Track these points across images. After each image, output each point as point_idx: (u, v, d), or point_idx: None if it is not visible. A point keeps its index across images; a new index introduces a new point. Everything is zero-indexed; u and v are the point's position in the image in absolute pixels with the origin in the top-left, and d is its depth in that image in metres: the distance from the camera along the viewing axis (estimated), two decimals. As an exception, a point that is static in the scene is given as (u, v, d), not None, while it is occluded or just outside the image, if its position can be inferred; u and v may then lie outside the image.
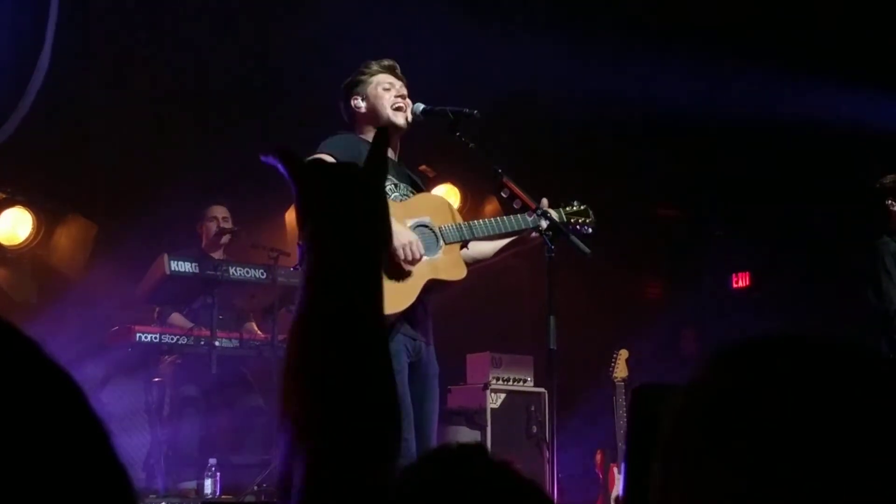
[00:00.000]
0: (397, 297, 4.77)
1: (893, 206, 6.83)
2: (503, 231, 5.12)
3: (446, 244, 4.97)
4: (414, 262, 4.79)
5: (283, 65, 8.61)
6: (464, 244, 5.09)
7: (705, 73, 9.06)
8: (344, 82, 5.18)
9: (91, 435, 0.85)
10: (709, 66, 9.02)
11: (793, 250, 10.08)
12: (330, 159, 4.71)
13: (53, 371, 0.84)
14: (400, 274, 4.81)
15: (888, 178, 6.90)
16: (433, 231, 4.96)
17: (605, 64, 9.13)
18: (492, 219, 5.17)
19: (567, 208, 5.31)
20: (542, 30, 8.86)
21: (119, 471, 0.86)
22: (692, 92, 9.16)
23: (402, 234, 4.78)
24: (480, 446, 1.30)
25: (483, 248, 5.19)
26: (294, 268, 5.29)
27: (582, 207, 5.37)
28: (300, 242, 4.62)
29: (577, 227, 5.31)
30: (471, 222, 5.12)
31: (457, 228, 5.02)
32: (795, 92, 9.18)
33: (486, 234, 5.10)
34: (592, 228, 5.35)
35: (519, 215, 5.08)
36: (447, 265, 4.96)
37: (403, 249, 4.75)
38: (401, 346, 4.79)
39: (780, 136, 9.50)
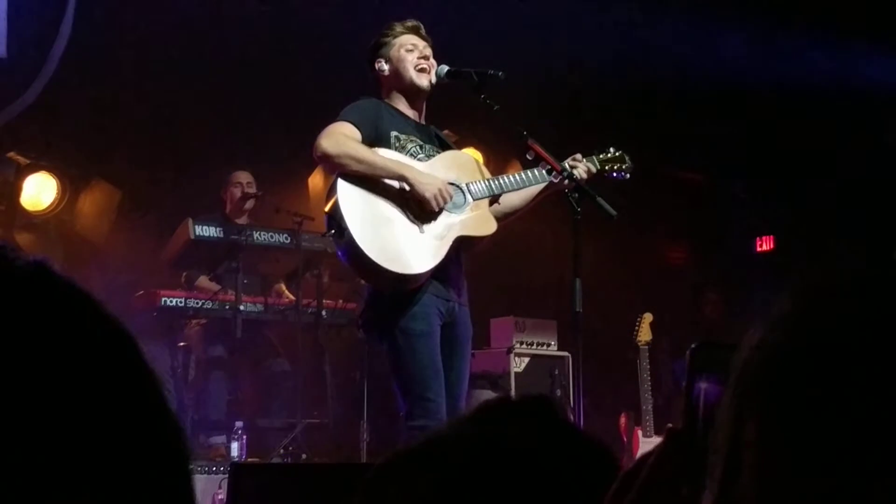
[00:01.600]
0: (428, 254, 4.79)
1: None
2: (529, 184, 5.12)
3: (474, 200, 4.96)
4: (445, 203, 4.80)
5: (310, 26, 8.58)
6: (493, 200, 5.08)
7: (731, 37, 9.00)
8: (369, 45, 5.16)
9: (146, 386, 0.85)
10: (736, 29, 8.96)
11: (817, 214, 10.03)
12: (345, 127, 4.73)
13: (112, 324, 0.85)
14: (429, 232, 4.82)
15: None
16: (460, 188, 4.95)
17: (631, 28, 9.08)
18: (518, 173, 5.16)
19: (602, 155, 5.30)
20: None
21: (173, 421, 0.86)
22: (718, 56, 9.10)
23: (431, 184, 4.78)
24: (546, 400, 1.26)
25: (513, 201, 5.17)
26: (322, 234, 5.31)
27: (617, 154, 5.37)
28: (326, 212, 4.64)
29: (615, 173, 5.31)
30: (498, 177, 5.12)
31: (484, 184, 5.02)
32: (822, 54, 9.10)
33: (513, 188, 5.10)
34: (630, 174, 5.35)
35: (542, 169, 5.06)
36: (476, 221, 4.96)
37: (435, 199, 4.76)
38: (433, 309, 4.79)
39: (805, 99, 9.43)
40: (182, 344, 7.61)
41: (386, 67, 5.07)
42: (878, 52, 9.08)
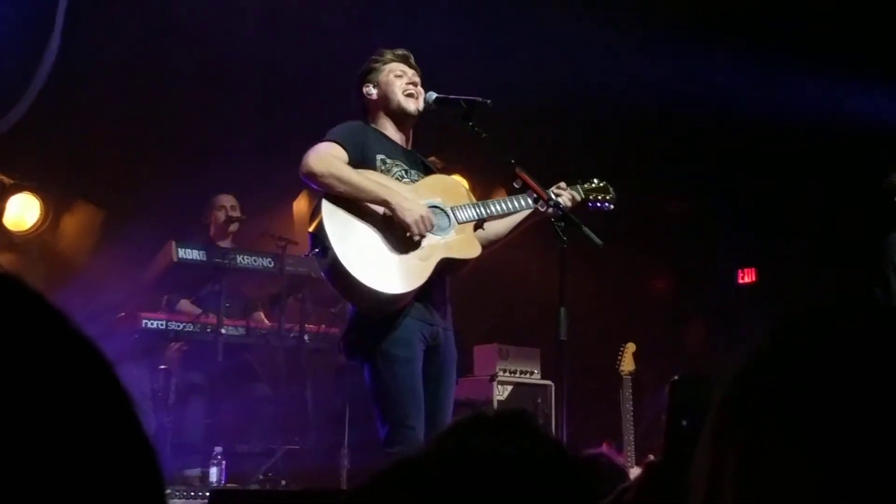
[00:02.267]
0: (411, 274, 4.77)
1: None
2: (515, 211, 5.12)
3: (459, 223, 4.95)
4: (426, 231, 4.80)
5: (297, 52, 8.59)
6: (477, 224, 5.07)
7: (718, 68, 9.04)
8: (358, 71, 5.15)
9: (118, 407, 0.84)
10: (723, 61, 9.00)
11: (799, 246, 10.05)
12: (333, 148, 4.73)
13: (82, 342, 0.83)
14: (413, 253, 4.81)
15: (891, 178, 6.85)
16: (444, 211, 4.94)
17: (615, 57, 9.11)
18: (504, 199, 5.16)
19: (586, 185, 5.31)
20: (555, 20, 8.83)
21: (145, 443, 0.84)
22: (702, 87, 9.13)
23: (413, 210, 4.77)
24: (525, 413, 1.25)
25: (497, 228, 5.17)
26: (306, 254, 5.29)
27: (601, 184, 5.38)
28: (311, 231, 4.62)
29: (598, 203, 5.31)
30: (484, 202, 5.12)
31: (469, 208, 5.01)
32: (804, 88, 9.15)
33: (499, 213, 5.10)
34: (613, 204, 5.35)
35: (528, 197, 5.06)
36: (460, 244, 4.95)
37: (416, 225, 4.75)
38: (416, 334, 4.76)
39: (789, 132, 9.47)
40: (162, 367, 7.55)
41: (374, 92, 5.08)
42: (862, 86, 9.13)
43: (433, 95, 5.03)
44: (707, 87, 9.14)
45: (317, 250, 4.75)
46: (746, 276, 10.95)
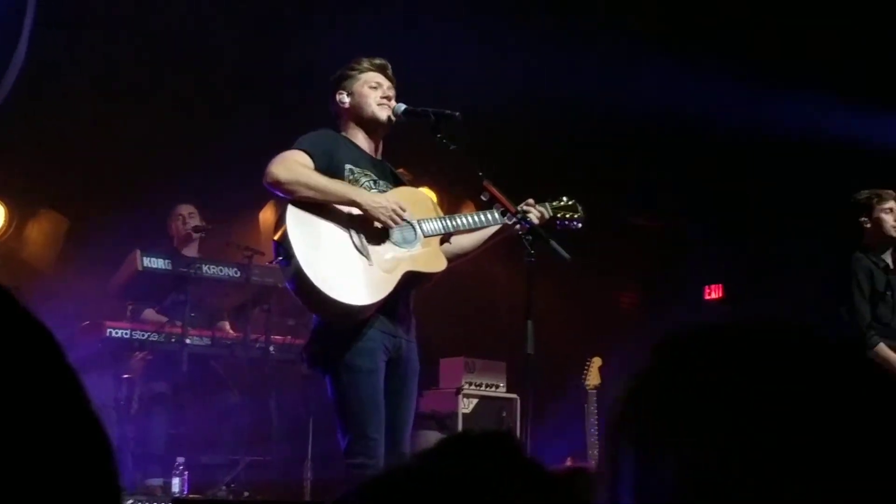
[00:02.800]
0: (375, 286, 4.75)
1: (867, 222, 6.82)
2: (482, 226, 5.12)
3: (425, 237, 4.94)
4: (400, 220, 4.79)
5: (262, 61, 8.57)
6: (444, 238, 5.06)
7: (684, 84, 9.07)
8: (333, 75, 5.12)
9: (65, 384, 0.83)
10: (689, 76, 9.03)
11: (766, 263, 10.11)
12: (298, 155, 4.70)
13: (28, 320, 0.83)
14: (378, 264, 4.79)
15: (862, 194, 6.91)
16: (411, 224, 4.93)
17: (584, 72, 9.13)
18: (471, 213, 5.16)
19: (555, 203, 5.30)
20: (523, 36, 8.85)
21: (93, 420, 0.83)
22: (672, 103, 9.17)
23: (383, 204, 4.77)
24: (509, 435, 1.25)
25: (464, 242, 5.16)
26: (270, 262, 5.26)
27: (570, 202, 5.38)
28: (275, 239, 4.60)
29: (566, 222, 5.31)
30: (451, 216, 5.10)
31: (436, 221, 5.00)
32: (773, 105, 9.21)
33: (466, 228, 5.10)
34: (581, 223, 5.35)
35: (496, 211, 5.05)
36: (426, 257, 4.94)
37: (390, 218, 4.77)
38: (378, 345, 4.75)
39: (757, 149, 9.53)
40: (126, 376, 7.50)
41: (347, 100, 5.04)
42: (831, 104, 9.20)
43: (402, 107, 5.01)
44: (677, 104, 9.17)
45: (280, 258, 4.72)
46: (713, 293, 11.01)
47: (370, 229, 4.82)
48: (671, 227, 11.01)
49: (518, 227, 4.93)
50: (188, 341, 7.30)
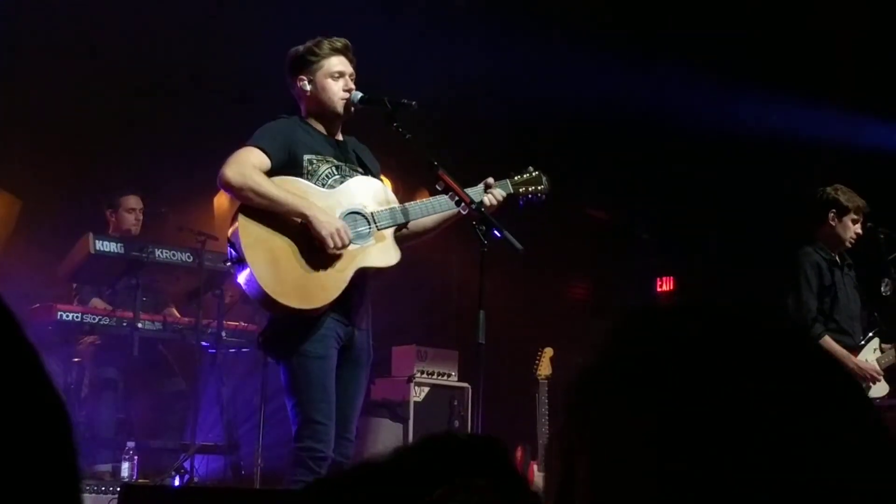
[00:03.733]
0: (327, 287, 4.76)
1: (834, 218, 6.85)
2: (436, 212, 5.12)
3: (378, 230, 4.93)
4: (344, 247, 4.77)
5: (217, 42, 8.53)
6: (399, 227, 5.05)
7: (637, 77, 9.13)
8: (291, 53, 5.05)
9: (23, 357, 0.84)
10: (641, 70, 9.09)
11: (717, 256, 10.19)
12: (254, 155, 4.67)
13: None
14: (329, 264, 4.79)
15: (830, 190, 6.93)
16: (365, 217, 4.92)
17: (538, 64, 9.17)
18: (424, 200, 5.17)
19: (517, 177, 5.30)
20: (480, 26, 8.87)
21: (53, 394, 0.84)
22: (623, 96, 9.22)
23: (329, 223, 4.74)
24: (496, 442, 1.26)
25: (425, 222, 5.15)
26: (224, 262, 5.24)
27: (535, 174, 5.37)
28: (229, 238, 4.57)
29: (530, 196, 5.30)
30: (404, 205, 5.09)
31: (390, 213, 4.99)
32: (724, 99, 9.28)
33: (419, 215, 5.10)
34: (545, 196, 5.33)
35: (449, 197, 5.06)
36: (379, 252, 4.93)
37: (332, 238, 4.73)
38: (332, 332, 4.76)
39: (708, 143, 9.60)
40: (76, 360, 7.45)
41: (308, 88, 4.99)
42: (780, 100, 9.29)
43: (358, 95, 5.00)
44: (628, 97, 9.23)
45: (232, 261, 4.73)
46: (665, 285, 11.09)
47: None
48: (623, 219, 11.07)
49: (471, 214, 4.95)
50: (139, 325, 7.26)
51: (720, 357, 0.90)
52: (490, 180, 5.14)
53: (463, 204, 4.94)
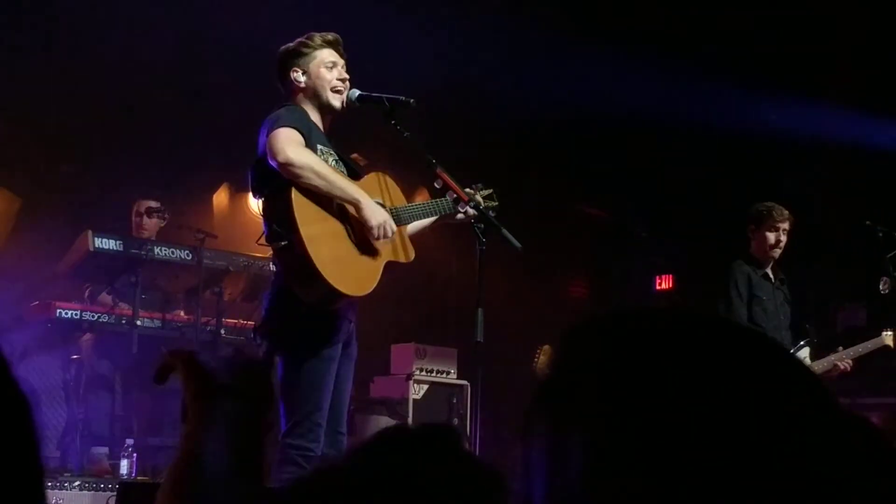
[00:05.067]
0: (367, 277, 4.80)
1: (755, 232, 7.08)
2: (442, 211, 5.17)
3: (398, 225, 4.95)
4: (388, 238, 4.81)
5: (216, 44, 8.53)
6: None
7: (636, 76, 9.13)
8: (282, 49, 5.04)
9: None
10: (639, 69, 9.09)
11: (716, 254, 10.20)
12: (296, 134, 4.65)
13: None
14: (370, 253, 4.82)
15: (755, 207, 7.12)
16: (390, 212, 4.93)
17: (536, 62, 9.17)
18: (431, 201, 5.23)
19: (482, 191, 5.37)
20: (478, 24, 8.86)
21: (15, 392, 0.85)
22: (623, 93, 9.22)
23: (379, 212, 4.78)
24: (447, 428, 1.27)
25: (422, 222, 5.20)
26: (258, 240, 5.20)
27: (489, 191, 5.43)
28: (270, 218, 4.53)
29: (488, 212, 5.33)
30: (418, 203, 5.15)
31: (409, 210, 5.04)
32: (722, 98, 9.28)
33: (428, 214, 5.16)
34: (494, 213, 5.34)
35: (442, 200, 5.10)
36: (400, 246, 4.98)
37: (380, 228, 4.75)
38: (343, 331, 4.76)
39: (707, 141, 9.61)
40: (75, 357, 7.46)
41: (302, 79, 4.98)
42: (778, 99, 9.29)
43: (356, 93, 5.00)
44: (627, 96, 9.23)
45: (276, 237, 4.67)
46: (664, 283, 11.09)
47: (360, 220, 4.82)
48: (622, 217, 11.08)
49: (469, 212, 4.98)
50: (139, 323, 7.26)
51: (669, 360, 0.91)
52: (470, 190, 5.19)
53: (461, 202, 4.97)
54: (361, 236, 4.79)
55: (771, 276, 7.14)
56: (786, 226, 7.05)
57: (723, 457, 0.85)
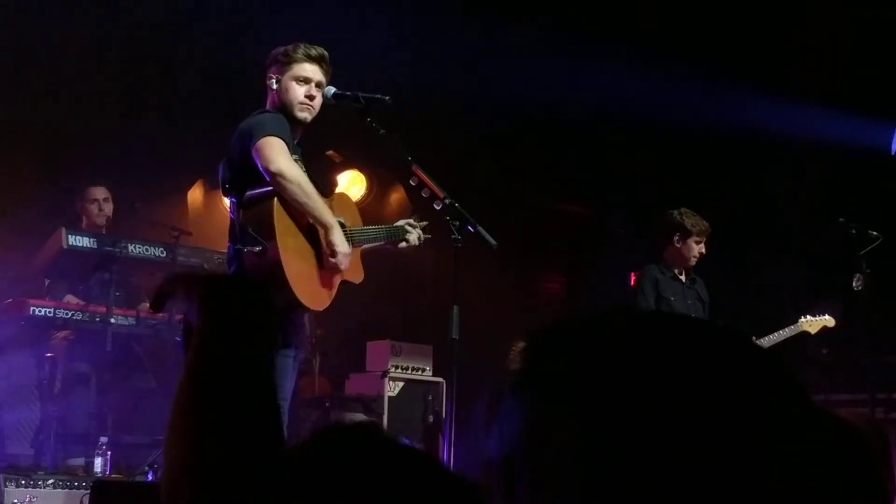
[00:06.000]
0: (325, 297, 4.98)
1: (679, 241, 7.32)
2: (396, 237, 5.38)
3: (353, 247, 5.06)
4: (344, 269, 4.99)
5: (185, 42, 8.50)
6: None
7: (613, 73, 9.14)
8: (273, 52, 5.11)
9: None
10: (623, 67, 9.10)
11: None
12: (284, 146, 4.71)
13: None
14: (331, 273, 4.97)
15: (676, 213, 7.42)
16: (346, 232, 5.03)
17: (513, 59, 9.17)
18: (389, 226, 5.46)
19: (422, 223, 5.53)
20: (456, 20, 8.86)
21: None
22: (600, 90, 9.23)
23: (344, 244, 4.93)
24: (374, 424, 1.28)
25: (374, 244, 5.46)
26: (234, 244, 5.25)
27: (425, 223, 5.55)
28: (247, 224, 4.59)
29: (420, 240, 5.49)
30: (373, 228, 5.40)
31: (364, 233, 5.21)
32: (698, 94, 9.30)
33: (383, 238, 5.38)
34: (420, 243, 5.50)
35: (404, 223, 5.34)
36: (352, 267, 5.15)
37: (342, 257, 4.93)
38: (300, 334, 4.93)
39: (684, 138, 9.63)
40: (49, 355, 7.42)
41: (275, 87, 5.05)
42: (755, 97, 9.32)
43: (331, 90, 5.02)
44: (605, 94, 9.24)
45: (252, 243, 4.74)
46: (640, 280, 11.09)
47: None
48: (598, 214, 11.09)
49: (443, 209, 5.01)
50: (112, 321, 7.23)
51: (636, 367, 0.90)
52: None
53: (437, 200, 4.98)
54: (323, 257, 4.92)
55: (682, 276, 7.41)
56: (705, 238, 7.37)
57: (708, 458, 0.85)
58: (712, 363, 0.90)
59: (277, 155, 4.70)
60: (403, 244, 5.36)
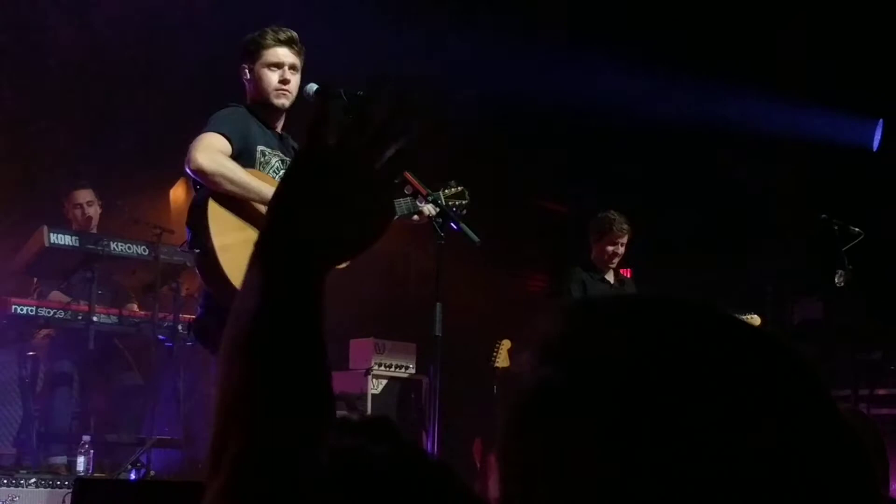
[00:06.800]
0: None
1: (596, 242, 7.54)
2: (409, 211, 5.17)
3: None
4: None
5: (168, 33, 8.48)
6: None
7: (595, 72, 9.16)
8: (240, 42, 5.06)
9: None
10: (600, 65, 9.12)
11: (673, 250, 10.25)
12: (218, 140, 4.64)
13: None
14: None
15: (599, 218, 7.62)
16: None
17: (496, 57, 9.17)
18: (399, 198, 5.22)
19: (447, 190, 5.34)
20: (437, 20, 8.86)
21: None
22: (582, 90, 9.25)
23: None
24: (388, 419, 1.27)
25: None
26: (181, 246, 5.20)
27: (459, 189, 5.41)
28: (190, 224, 4.50)
29: (454, 209, 5.32)
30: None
31: None
32: (682, 93, 9.33)
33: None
34: (466, 211, 5.36)
35: (402, 200, 5.08)
36: None
37: None
38: None
39: (666, 138, 9.65)
40: (31, 353, 7.39)
41: (249, 77, 5.02)
42: (736, 94, 9.35)
43: (314, 87, 4.99)
44: (590, 92, 9.25)
45: (194, 246, 4.69)
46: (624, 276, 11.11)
47: None
48: (580, 211, 11.10)
49: (429, 207, 4.98)
50: (95, 319, 7.20)
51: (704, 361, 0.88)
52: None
53: (420, 197, 4.97)
54: None
55: (610, 279, 7.59)
56: (624, 239, 7.50)
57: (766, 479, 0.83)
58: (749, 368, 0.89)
59: (198, 152, 4.63)
60: (416, 217, 5.16)
